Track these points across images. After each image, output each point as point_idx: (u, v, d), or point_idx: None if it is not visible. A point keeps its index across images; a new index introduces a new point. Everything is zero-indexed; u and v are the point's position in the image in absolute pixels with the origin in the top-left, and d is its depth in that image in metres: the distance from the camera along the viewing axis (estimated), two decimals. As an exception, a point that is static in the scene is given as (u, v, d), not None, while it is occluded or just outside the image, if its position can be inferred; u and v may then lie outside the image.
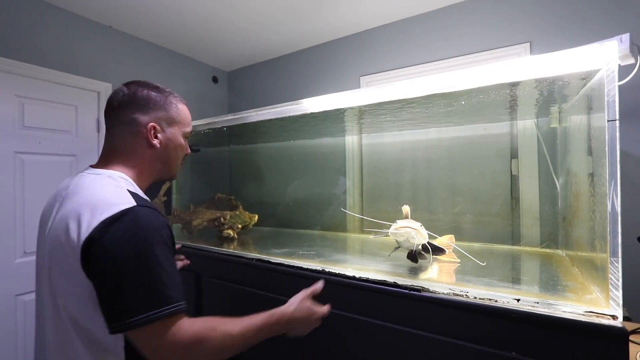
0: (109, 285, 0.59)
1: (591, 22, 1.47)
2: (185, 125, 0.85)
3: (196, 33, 2.15)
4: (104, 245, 0.59)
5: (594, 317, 0.67)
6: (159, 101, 0.79)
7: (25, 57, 1.68)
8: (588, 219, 0.85)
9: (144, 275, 0.60)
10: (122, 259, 0.59)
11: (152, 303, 0.59)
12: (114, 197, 0.65)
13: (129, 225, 0.61)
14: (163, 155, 0.80)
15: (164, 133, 0.79)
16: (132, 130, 0.76)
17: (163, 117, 0.79)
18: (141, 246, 0.60)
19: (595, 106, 0.79)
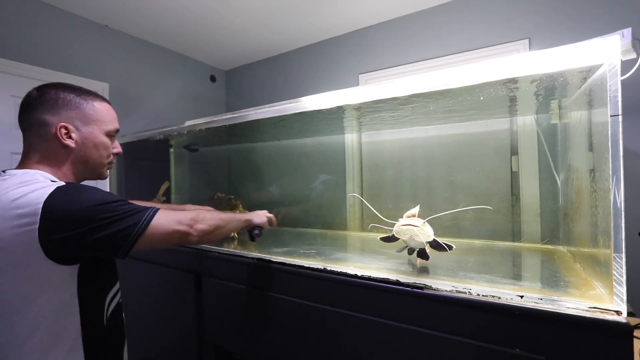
0: (91, 233, 0.66)
1: (590, 19, 1.47)
2: (106, 123, 0.83)
3: (194, 32, 2.14)
4: (59, 213, 0.64)
5: (597, 312, 0.67)
6: (69, 100, 0.77)
7: (20, 57, 1.66)
8: (590, 214, 0.85)
9: (111, 203, 0.69)
10: (81, 209, 0.66)
11: (136, 210, 0.72)
12: (38, 186, 0.67)
13: (70, 190, 0.68)
14: (81, 156, 0.80)
15: (78, 132, 0.78)
16: (42, 131, 0.76)
17: (75, 116, 0.78)
18: (91, 189, 0.70)
19: (597, 102, 0.78)
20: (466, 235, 1.49)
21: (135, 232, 0.70)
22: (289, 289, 1.09)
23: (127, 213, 0.70)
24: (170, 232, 0.76)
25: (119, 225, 0.68)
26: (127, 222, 0.69)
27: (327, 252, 1.25)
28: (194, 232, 0.81)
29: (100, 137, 0.82)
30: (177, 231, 0.78)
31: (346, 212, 1.91)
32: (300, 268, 1.07)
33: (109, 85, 2.02)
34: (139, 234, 0.70)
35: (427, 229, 0.96)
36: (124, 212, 0.70)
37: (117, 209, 0.69)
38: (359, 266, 1.02)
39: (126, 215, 0.70)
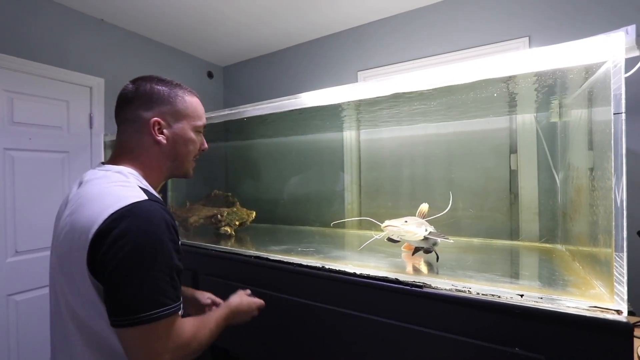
0: (115, 279, 0.58)
1: (592, 16, 1.47)
2: (195, 118, 0.80)
3: (191, 27, 2.11)
4: (113, 239, 0.57)
5: (598, 312, 0.67)
6: (163, 95, 0.75)
7: (14, 51, 1.63)
8: (590, 213, 0.84)
9: (152, 272, 0.59)
10: (131, 254, 0.58)
11: (159, 301, 0.59)
12: (122, 191, 0.64)
13: (139, 220, 0.60)
14: (171, 152, 0.77)
15: (170, 128, 0.75)
16: (136, 127, 0.74)
17: (168, 111, 0.75)
18: (151, 242, 0.59)
19: (599, 99, 0.78)
20: (465, 233, 1.48)
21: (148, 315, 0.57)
22: (286, 288, 1.08)
23: (159, 286, 0.59)
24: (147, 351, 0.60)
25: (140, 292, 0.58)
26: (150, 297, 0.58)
27: (325, 250, 1.24)
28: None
29: (190, 133, 0.79)
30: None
31: (344, 210, 1.90)
32: (298, 266, 1.06)
33: (104, 81, 1.99)
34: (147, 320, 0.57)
35: (410, 228, 0.95)
36: (158, 285, 0.59)
37: (156, 277, 0.59)
38: (357, 264, 1.02)
39: (157, 287, 0.59)
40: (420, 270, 1.01)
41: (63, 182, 1.82)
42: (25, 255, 1.66)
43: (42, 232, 1.71)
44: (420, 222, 1.00)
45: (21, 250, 1.64)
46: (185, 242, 1.43)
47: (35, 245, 1.69)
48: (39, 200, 1.71)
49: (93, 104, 1.95)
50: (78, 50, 1.89)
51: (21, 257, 1.64)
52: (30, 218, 1.67)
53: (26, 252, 1.66)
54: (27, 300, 1.66)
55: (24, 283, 1.65)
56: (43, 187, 1.73)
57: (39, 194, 1.71)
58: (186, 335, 0.66)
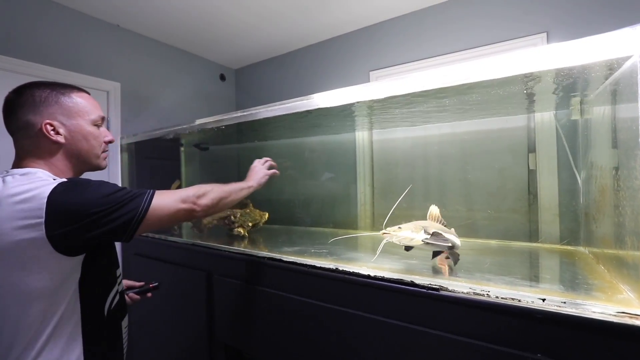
0: (95, 221, 0.68)
1: (610, 10, 1.41)
2: (89, 113, 0.82)
3: (204, 31, 2.14)
4: (63, 206, 0.66)
5: (626, 318, 0.63)
6: (47, 97, 0.76)
7: (32, 57, 1.69)
8: (616, 214, 0.81)
9: (111, 193, 0.71)
10: (86, 200, 0.68)
11: (135, 194, 0.74)
12: (42, 182, 0.69)
13: (73, 183, 0.70)
14: (73, 150, 0.80)
15: (65, 127, 0.78)
16: (29, 132, 0.75)
17: (57, 111, 0.77)
18: (90, 182, 0.72)
19: (624, 96, 0.74)
20: (482, 235, 1.45)
21: (137, 215, 0.72)
22: (300, 289, 1.07)
23: (127, 199, 0.72)
24: (173, 211, 0.79)
25: (120, 212, 0.71)
26: (128, 208, 0.72)
27: (339, 252, 1.23)
28: (198, 207, 0.85)
29: (88, 128, 0.82)
30: (180, 209, 0.80)
31: (357, 211, 1.89)
32: (312, 268, 1.05)
33: (120, 85, 2.04)
34: (141, 218, 0.73)
35: (403, 234, 0.91)
36: (124, 198, 0.72)
37: (117, 197, 0.71)
38: (372, 266, 1.00)
39: (126, 202, 0.72)
40: (438, 273, 0.99)
41: (82, 184, 1.86)
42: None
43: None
44: (420, 226, 0.95)
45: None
46: (198, 243, 1.44)
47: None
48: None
49: (110, 108, 2.00)
50: (95, 56, 1.94)
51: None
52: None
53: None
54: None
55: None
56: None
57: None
58: (196, 187, 0.86)
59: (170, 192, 0.82)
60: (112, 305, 0.82)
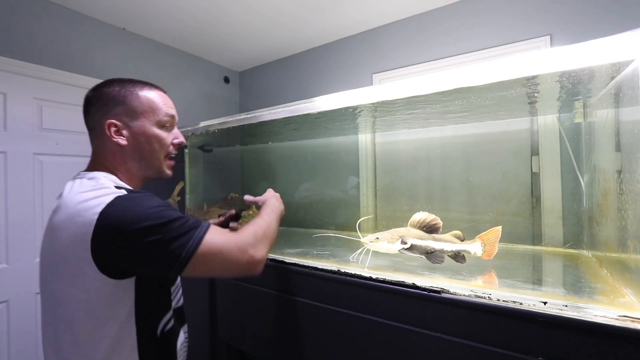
0: (142, 250, 0.60)
1: (613, 14, 1.41)
2: (155, 113, 0.75)
3: (207, 33, 2.16)
4: (115, 227, 0.60)
5: (628, 321, 0.63)
6: (115, 95, 0.72)
7: (41, 60, 1.71)
8: (619, 218, 0.80)
9: (163, 226, 0.61)
10: (135, 222, 0.60)
11: (186, 231, 0.63)
12: (102, 191, 0.64)
13: (128, 202, 0.62)
14: (135, 153, 0.74)
15: (129, 128, 0.72)
16: (97, 133, 0.73)
17: (122, 111, 0.72)
18: (146, 205, 0.62)
19: (627, 99, 0.74)
20: (484, 238, 1.44)
21: (185, 253, 0.61)
22: (302, 291, 1.08)
23: (180, 231, 0.62)
24: (229, 260, 0.66)
25: (168, 245, 0.61)
26: (177, 242, 0.61)
27: (341, 254, 1.24)
28: (257, 260, 0.69)
29: (152, 130, 0.74)
30: (237, 261, 0.66)
31: (360, 213, 1.89)
32: (314, 269, 1.06)
33: (126, 87, 2.07)
34: (188, 257, 0.62)
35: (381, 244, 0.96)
36: (177, 230, 0.62)
37: (170, 227, 0.62)
38: (374, 268, 1.01)
39: (179, 235, 0.62)
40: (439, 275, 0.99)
41: (87, 185, 1.89)
42: (52, 256, 1.73)
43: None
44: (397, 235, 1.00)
45: (48, 250, 1.71)
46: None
47: (61, 246, 1.76)
48: (65, 202, 1.78)
49: (116, 110, 2.02)
50: (102, 59, 1.97)
51: (48, 257, 1.72)
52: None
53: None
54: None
55: (50, 282, 1.72)
56: (69, 190, 1.81)
57: (65, 197, 1.79)
58: (249, 228, 0.73)
59: (225, 232, 0.69)
60: (165, 327, 0.74)
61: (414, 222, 1.08)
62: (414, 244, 0.99)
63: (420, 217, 1.07)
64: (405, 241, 0.99)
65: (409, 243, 0.99)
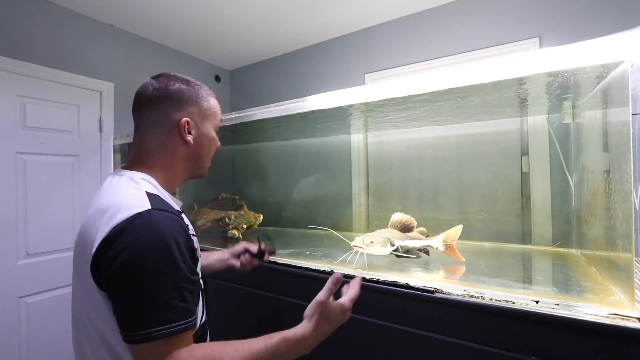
0: (118, 294, 0.57)
1: (602, 17, 1.44)
2: (217, 118, 0.82)
3: (199, 31, 2.13)
4: (113, 255, 0.56)
5: (618, 319, 0.64)
6: (191, 95, 0.75)
7: (26, 56, 1.66)
8: (607, 217, 0.82)
9: (151, 289, 0.55)
10: (130, 271, 0.55)
11: (162, 317, 0.55)
12: (129, 200, 0.61)
13: (139, 234, 0.56)
14: (196, 152, 0.77)
15: (197, 128, 0.76)
16: (165, 127, 0.72)
17: (196, 111, 0.75)
18: (150, 257, 0.56)
19: (615, 100, 0.76)
20: (476, 237, 1.46)
21: (143, 335, 0.54)
22: (294, 291, 1.07)
23: (163, 302, 0.55)
24: None
25: (140, 307, 0.55)
26: (151, 313, 0.54)
27: (334, 254, 1.23)
28: None
29: (212, 133, 0.80)
30: None
31: (352, 213, 1.89)
32: (307, 270, 1.05)
33: (114, 85, 2.02)
34: (142, 339, 0.54)
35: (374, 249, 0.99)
36: (164, 299, 0.55)
37: (159, 292, 0.55)
38: (369, 268, 1.00)
39: (158, 307, 0.55)
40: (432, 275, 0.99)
41: (73, 185, 1.84)
42: (37, 258, 1.68)
43: (53, 235, 1.73)
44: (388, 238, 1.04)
45: (32, 252, 1.66)
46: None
47: (46, 247, 1.71)
48: (50, 203, 1.73)
49: (103, 108, 1.97)
50: (88, 55, 1.92)
51: (33, 259, 1.66)
52: (41, 221, 1.69)
53: (37, 254, 1.68)
54: (38, 302, 1.67)
55: (35, 285, 1.67)
56: (54, 190, 1.76)
57: (49, 197, 1.74)
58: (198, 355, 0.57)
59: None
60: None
61: (394, 223, 1.12)
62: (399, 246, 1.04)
63: (399, 218, 1.11)
64: (393, 243, 1.03)
65: (396, 245, 1.03)
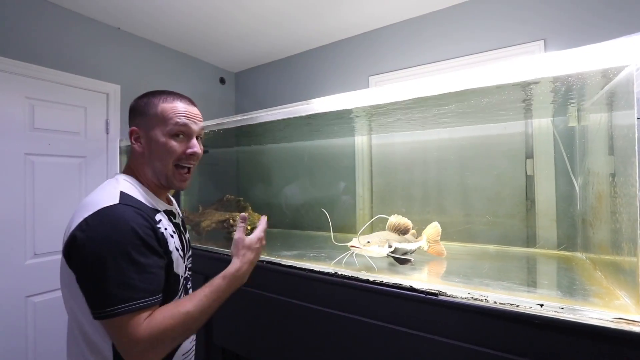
0: (86, 276, 0.64)
1: (606, 20, 1.43)
2: (166, 123, 0.75)
3: (204, 34, 2.15)
4: (80, 242, 0.63)
5: (623, 324, 0.64)
6: (140, 106, 0.79)
7: (34, 59, 1.69)
8: (613, 220, 0.81)
9: (113, 271, 0.62)
10: (92, 257, 0.62)
11: (124, 296, 0.62)
12: (102, 197, 0.69)
13: (104, 222, 0.64)
14: (148, 159, 0.78)
15: (144, 137, 0.77)
16: (130, 139, 0.80)
17: (142, 120, 0.78)
18: (113, 242, 0.63)
19: (620, 104, 0.75)
20: (480, 240, 1.45)
21: (105, 312, 0.61)
22: (298, 293, 1.07)
23: (124, 283, 0.62)
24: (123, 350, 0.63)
25: (106, 287, 0.61)
26: (114, 291, 0.61)
27: (337, 256, 1.23)
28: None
29: (162, 139, 0.75)
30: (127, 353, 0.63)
31: (356, 215, 1.89)
32: (310, 272, 1.05)
33: (120, 87, 2.04)
34: (105, 316, 0.61)
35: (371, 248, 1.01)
36: (126, 279, 0.62)
37: (121, 274, 0.62)
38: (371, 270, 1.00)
39: (121, 284, 0.62)
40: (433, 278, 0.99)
41: (80, 186, 1.86)
42: (44, 258, 1.70)
43: (60, 235, 1.72)
44: (387, 238, 1.06)
45: (40, 252, 1.68)
46: (196, 246, 1.44)
47: (53, 247, 1.73)
48: (57, 203, 1.75)
49: (109, 110, 2.00)
50: (95, 58, 1.94)
51: (40, 259, 1.68)
52: (48, 221, 1.71)
53: (45, 254, 1.70)
54: (45, 301, 1.69)
55: (42, 285, 1.68)
56: (61, 190, 1.78)
57: (57, 198, 1.76)
58: (159, 324, 0.64)
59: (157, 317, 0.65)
60: None
61: (392, 226, 1.13)
62: (397, 247, 1.06)
63: (396, 221, 1.13)
64: (390, 245, 1.05)
65: (394, 246, 1.05)
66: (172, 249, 0.74)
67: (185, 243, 0.85)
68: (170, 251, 0.73)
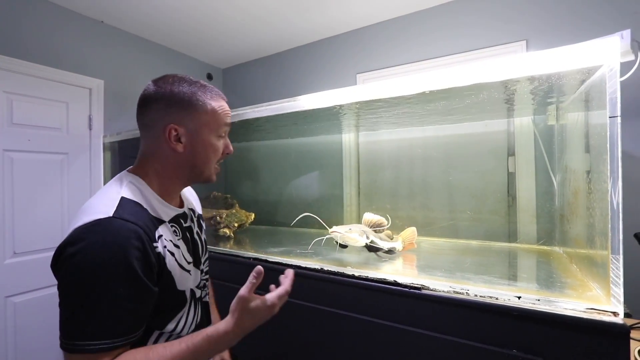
0: (61, 297, 0.57)
1: (587, 21, 1.48)
2: (217, 124, 0.72)
3: (191, 29, 2.12)
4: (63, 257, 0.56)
5: (595, 314, 0.67)
6: (182, 99, 0.68)
7: (14, 53, 1.63)
8: (587, 216, 0.85)
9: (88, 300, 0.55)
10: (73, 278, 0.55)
11: (90, 333, 0.54)
12: (98, 204, 0.61)
13: (92, 242, 0.56)
14: (190, 160, 0.71)
15: (188, 136, 0.69)
16: (153, 133, 0.69)
17: (186, 117, 0.68)
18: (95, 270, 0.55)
19: (595, 103, 0.78)
20: (463, 235, 1.49)
21: (68, 344, 0.53)
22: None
23: (92, 317, 0.54)
24: None
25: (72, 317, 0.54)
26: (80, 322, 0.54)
27: (324, 252, 1.24)
28: None
29: (211, 140, 0.72)
30: None
31: (343, 212, 1.90)
32: (297, 268, 1.06)
33: (104, 82, 2.00)
34: (68, 348, 0.53)
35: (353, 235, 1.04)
36: (90, 313, 0.54)
37: (96, 306, 0.54)
38: (356, 266, 1.02)
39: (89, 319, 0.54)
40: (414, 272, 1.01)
41: (62, 183, 1.82)
42: (24, 257, 1.66)
43: (41, 234, 1.71)
44: (363, 230, 1.09)
45: (19, 251, 1.64)
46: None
47: (33, 246, 1.68)
48: (38, 201, 1.71)
49: (92, 106, 1.95)
50: (78, 52, 1.89)
51: (20, 258, 1.64)
52: (29, 219, 1.67)
53: (25, 253, 1.66)
54: (25, 301, 1.65)
55: (22, 285, 1.64)
56: (42, 188, 1.73)
57: (37, 195, 1.71)
58: None
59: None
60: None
61: (367, 222, 1.17)
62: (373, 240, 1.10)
63: (372, 218, 1.17)
64: (368, 236, 1.08)
65: (371, 238, 1.09)
66: (172, 267, 0.66)
67: (202, 246, 0.80)
68: (168, 271, 0.65)
